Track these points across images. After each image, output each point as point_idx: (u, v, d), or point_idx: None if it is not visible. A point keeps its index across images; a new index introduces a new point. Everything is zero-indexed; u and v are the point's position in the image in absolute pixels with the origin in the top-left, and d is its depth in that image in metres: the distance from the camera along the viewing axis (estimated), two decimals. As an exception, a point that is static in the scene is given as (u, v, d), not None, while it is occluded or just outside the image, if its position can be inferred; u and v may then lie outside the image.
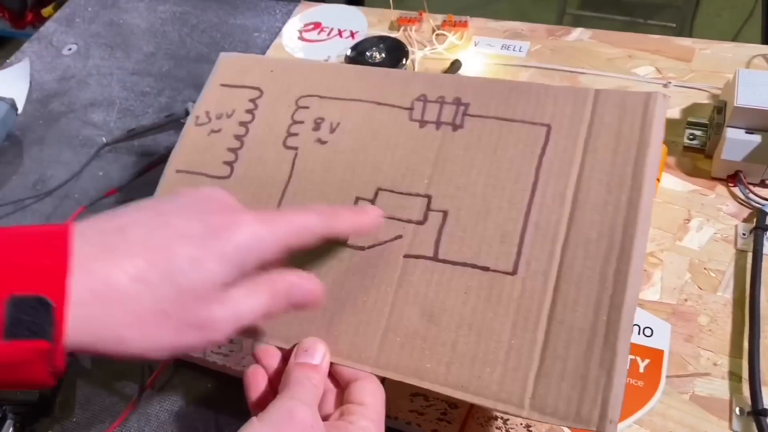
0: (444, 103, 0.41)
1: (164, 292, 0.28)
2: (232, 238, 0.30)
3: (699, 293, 0.45)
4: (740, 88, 0.48)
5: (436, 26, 0.68)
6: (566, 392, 0.32)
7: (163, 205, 0.31)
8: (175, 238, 0.29)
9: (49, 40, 0.83)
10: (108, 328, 0.27)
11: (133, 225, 0.29)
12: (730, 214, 0.49)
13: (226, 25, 0.80)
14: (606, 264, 0.33)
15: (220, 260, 0.29)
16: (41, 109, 0.74)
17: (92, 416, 0.48)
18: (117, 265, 0.27)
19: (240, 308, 0.30)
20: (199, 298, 0.29)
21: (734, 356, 0.42)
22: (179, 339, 0.28)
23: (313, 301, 0.33)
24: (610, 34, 0.65)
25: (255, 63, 0.48)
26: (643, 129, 0.36)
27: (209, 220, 0.30)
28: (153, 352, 0.28)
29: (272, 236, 0.31)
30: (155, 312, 0.27)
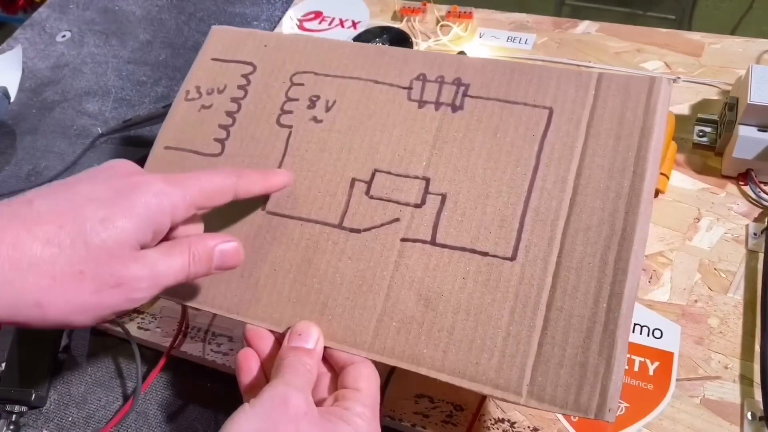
0: (443, 83, 0.40)
1: (78, 253, 0.28)
2: (140, 197, 0.30)
3: (709, 294, 0.45)
4: (753, 85, 0.47)
5: (440, 17, 0.67)
6: (565, 380, 0.31)
7: (67, 180, 0.32)
8: (83, 202, 0.29)
9: (42, 26, 0.81)
10: (24, 293, 0.27)
11: (40, 197, 0.29)
12: (741, 214, 0.48)
13: (225, 13, 0.78)
14: (607, 251, 0.33)
15: (130, 218, 0.30)
16: (34, 98, 0.72)
17: (88, 415, 0.47)
18: (26, 230, 0.27)
19: (158, 268, 0.31)
20: (114, 257, 0.29)
21: (745, 359, 0.41)
22: (99, 299, 0.29)
23: (234, 263, 0.34)
24: (618, 27, 0.64)
25: (248, 37, 0.46)
26: (646, 114, 0.35)
27: (115, 183, 0.31)
28: (74, 316, 0.29)
29: (181, 194, 0.32)
30: (71, 274, 0.28)
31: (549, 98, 0.38)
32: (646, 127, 0.35)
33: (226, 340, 0.48)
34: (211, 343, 0.48)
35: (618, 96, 0.36)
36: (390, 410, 0.42)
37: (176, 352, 0.48)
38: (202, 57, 0.47)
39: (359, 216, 0.38)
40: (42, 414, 0.48)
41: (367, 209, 0.38)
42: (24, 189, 0.62)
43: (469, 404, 0.42)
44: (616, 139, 0.35)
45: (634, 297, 0.32)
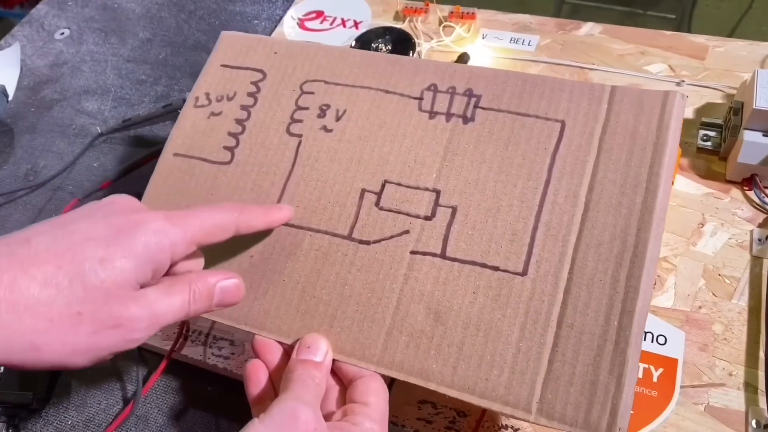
0: (455, 94, 0.40)
1: (76, 294, 0.28)
2: (139, 236, 0.30)
3: (713, 300, 0.44)
4: (759, 90, 0.47)
5: (443, 17, 0.66)
6: (575, 398, 0.31)
7: (65, 216, 0.31)
8: (81, 242, 0.29)
9: (40, 23, 0.81)
10: (20, 336, 0.27)
11: (38, 235, 0.29)
12: (746, 219, 0.48)
13: (225, 11, 0.77)
14: (618, 267, 0.33)
15: (129, 258, 0.29)
16: (33, 96, 0.72)
17: (88, 419, 0.47)
18: (24, 271, 0.27)
19: (157, 307, 0.30)
20: (112, 297, 0.29)
21: (750, 366, 0.41)
22: (97, 340, 0.28)
23: (234, 300, 0.34)
24: (622, 30, 0.63)
25: (258, 43, 0.46)
26: (660, 129, 0.35)
27: (114, 221, 0.30)
28: (72, 358, 0.28)
29: (181, 233, 0.31)
30: (69, 315, 0.27)
31: (561, 111, 0.37)
32: (659, 142, 0.35)
33: (227, 344, 0.47)
34: (212, 346, 0.47)
35: (631, 110, 0.36)
36: (393, 416, 0.42)
37: (177, 356, 0.48)
38: (211, 63, 0.46)
39: (369, 227, 0.38)
40: (41, 417, 0.47)
41: (377, 221, 0.38)
42: (23, 188, 0.62)
43: (473, 410, 0.42)
44: (629, 154, 0.35)
45: (645, 315, 0.32)
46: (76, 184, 0.62)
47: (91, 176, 0.62)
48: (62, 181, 0.62)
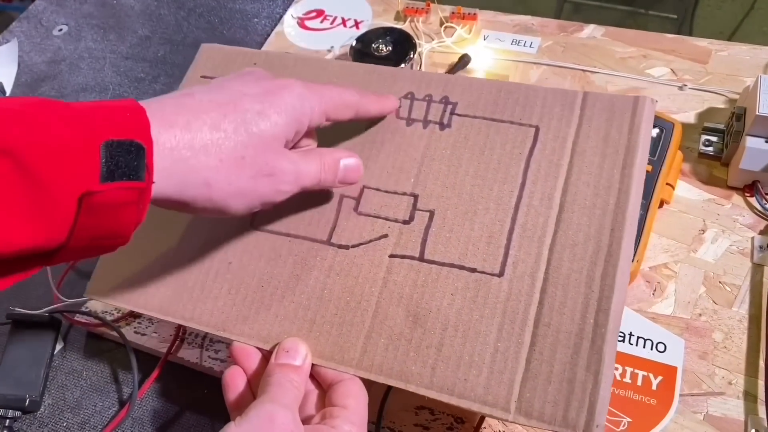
0: (431, 102, 0.41)
1: (241, 139, 0.30)
2: (286, 96, 0.33)
3: (714, 308, 0.44)
4: (762, 96, 0.46)
5: (444, 18, 0.66)
6: (553, 396, 0.31)
7: (216, 80, 0.34)
8: (240, 96, 0.32)
9: (38, 19, 0.80)
10: (195, 172, 0.29)
11: (198, 91, 0.32)
12: (747, 226, 0.48)
13: (225, 9, 0.77)
14: (593, 267, 0.33)
15: (281, 114, 0.32)
16: (30, 93, 0.71)
17: (83, 421, 0.46)
18: (195, 116, 0.29)
19: (300, 167, 0.33)
20: (268, 148, 0.31)
21: (750, 375, 0.41)
22: (255, 185, 0.31)
23: (355, 177, 0.36)
24: (624, 32, 0.63)
25: (237, 55, 0.46)
26: (631, 132, 0.36)
27: (263, 83, 0.33)
28: (233, 199, 0.31)
29: (318, 99, 0.34)
30: (235, 157, 0.30)
31: (535, 117, 0.38)
32: (630, 145, 0.35)
33: (224, 347, 0.47)
34: (209, 349, 0.47)
35: (603, 115, 0.37)
36: (390, 422, 0.42)
37: (173, 358, 0.47)
38: (191, 74, 0.46)
39: (348, 232, 0.38)
40: (36, 419, 0.47)
41: (356, 225, 0.38)
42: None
43: (470, 416, 0.42)
44: (601, 157, 0.36)
45: (620, 312, 0.32)
46: (74, 183, 0.61)
47: (89, 175, 0.62)
48: (59, 179, 0.62)
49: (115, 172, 0.26)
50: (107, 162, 0.25)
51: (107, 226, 0.27)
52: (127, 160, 0.26)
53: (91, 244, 0.27)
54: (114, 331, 0.49)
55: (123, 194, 0.26)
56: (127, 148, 0.26)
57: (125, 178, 0.26)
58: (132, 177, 0.26)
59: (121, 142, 0.26)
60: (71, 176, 0.25)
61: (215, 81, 0.33)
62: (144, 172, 0.26)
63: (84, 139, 0.25)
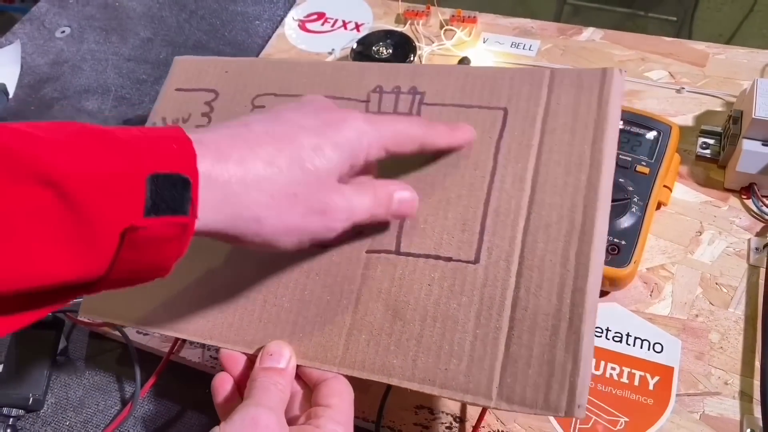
0: (400, 93, 0.40)
1: (294, 176, 0.30)
2: (344, 130, 0.32)
3: (710, 309, 0.45)
4: (759, 99, 0.47)
5: (444, 21, 0.66)
6: (533, 379, 0.31)
7: (275, 108, 0.33)
8: (296, 129, 0.31)
9: (41, 21, 0.81)
10: (246, 207, 0.28)
11: (255, 121, 0.31)
12: (743, 228, 0.48)
13: (226, 11, 0.77)
14: (567, 246, 0.33)
15: (336, 150, 0.31)
16: (33, 95, 0.72)
17: (86, 420, 0.47)
18: (249, 149, 0.29)
19: (353, 202, 0.32)
20: (322, 185, 0.31)
21: (746, 375, 0.42)
22: (305, 222, 0.31)
23: (409, 212, 0.35)
24: (622, 35, 0.63)
25: (210, 65, 0.47)
26: (600, 106, 0.35)
27: (322, 115, 0.33)
28: (283, 236, 0.30)
29: (377, 134, 0.33)
30: (287, 194, 0.29)
31: (503, 99, 0.38)
32: (600, 119, 0.35)
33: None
34: (210, 349, 0.48)
35: (571, 90, 0.36)
36: (390, 421, 0.42)
37: (175, 358, 0.48)
38: (166, 88, 0.47)
39: None
40: (39, 417, 0.47)
41: None
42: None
43: (469, 415, 0.42)
44: (571, 134, 0.35)
45: (596, 291, 0.32)
46: (76, 184, 0.62)
47: (91, 176, 0.62)
48: (62, 180, 0.62)
49: (159, 206, 0.25)
50: (152, 195, 0.25)
51: (148, 260, 0.26)
52: (172, 194, 0.25)
53: (131, 276, 0.27)
54: (116, 331, 0.49)
55: (166, 229, 0.26)
56: (172, 182, 0.25)
57: (169, 212, 0.25)
58: (176, 212, 0.26)
59: (167, 176, 0.25)
60: (115, 209, 0.24)
61: (274, 110, 0.33)
62: (189, 207, 0.26)
63: (129, 171, 0.25)
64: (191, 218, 0.26)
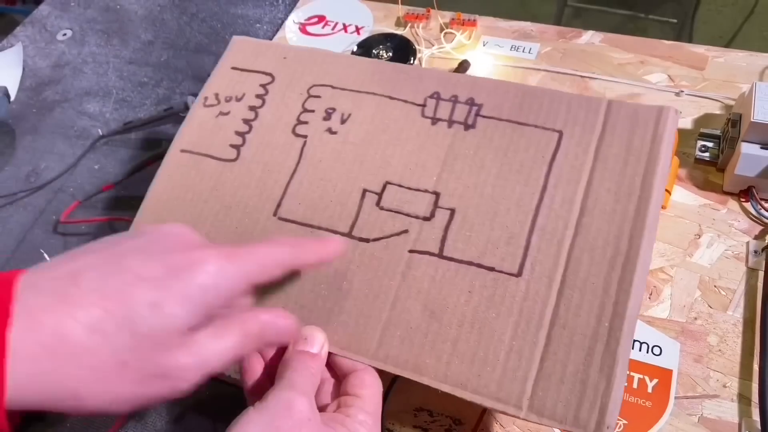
0: (457, 102, 0.41)
1: (122, 342, 0.26)
2: (195, 278, 0.28)
3: (709, 312, 0.45)
4: (757, 103, 0.47)
5: (444, 24, 0.67)
6: (565, 395, 0.32)
7: (120, 245, 0.29)
8: (133, 282, 0.27)
9: (42, 24, 0.81)
10: (61, 385, 0.25)
11: (87, 270, 0.27)
12: (742, 231, 0.48)
13: (227, 14, 0.78)
14: (611, 271, 0.33)
15: (183, 303, 0.27)
16: (34, 97, 0.72)
17: (87, 422, 0.47)
18: (70, 315, 0.25)
19: (207, 352, 0.28)
20: (161, 346, 0.27)
21: (744, 378, 0.42)
22: (142, 390, 0.27)
23: (286, 339, 0.33)
24: (622, 39, 0.63)
25: (268, 48, 0.47)
26: (654, 142, 0.36)
27: (170, 259, 0.28)
28: (114, 406, 0.27)
29: (238, 272, 0.30)
30: (114, 364, 0.26)
31: (560, 122, 0.38)
32: (653, 154, 0.36)
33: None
34: (211, 351, 0.48)
35: (627, 123, 0.37)
36: (390, 422, 0.43)
37: (176, 360, 0.48)
38: (222, 65, 0.47)
39: (369, 226, 0.39)
40: (41, 420, 0.48)
41: (377, 220, 0.39)
42: (23, 190, 0.62)
43: (468, 419, 0.42)
44: (623, 164, 0.36)
45: (635, 317, 0.33)
46: (77, 186, 0.62)
47: (92, 178, 0.63)
48: (63, 182, 0.63)
49: None
50: None
51: None
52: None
53: None
54: (117, 333, 0.49)
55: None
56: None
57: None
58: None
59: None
60: None
61: (114, 250, 0.29)
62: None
63: None
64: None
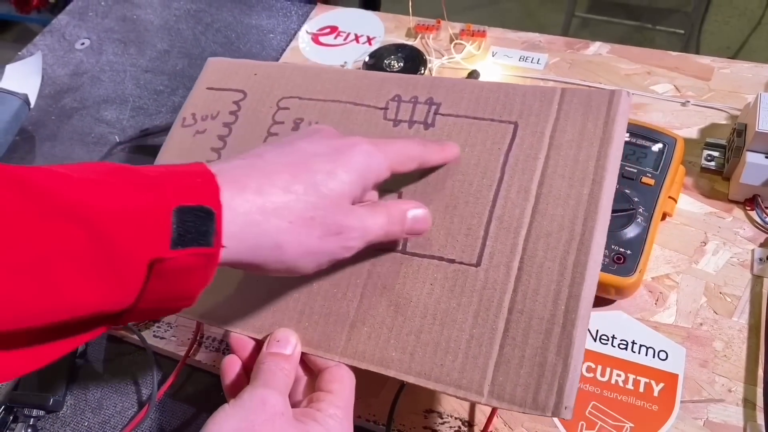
0: (417, 103, 0.42)
1: (310, 200, 0.31)
2: (354, 155, 0.33)
3: (714, 318, 0.46)
4: (762, 113, 0.48)
5: (453, 35, 0.68)
6: (524, 379, 0.33)
7: (286, 138, 0.35)
8: (309, 156, 0.33)
9: (61, 33, 0.83)
10: (266, 235, 0.29)
11: (268, 152, 0.33)
12: (747, 238, 0.49)
13: (241, 24, 0.79)
14: (566, 255, 0.34)
15: (350, 171, 0.33)
16: (53, 105, 0.74)
17: (104, 421, 0.48)
18: (266, 178, 0.30)
19: (366, 222, 0.34)
20: (337, 207, 0.32)
21: (749, 383, 0.42)
22: (323, 244, 0.32)
23: (425, 228, 0.37)
24: (629, 50, 0.65)
25: (240, 67, 0.49)
26: (606, 125, 0.37)
27: (331, 142, 0.34)
28: (303, 259, 0.31)
29: (384, 156, 0.35)
30: (305, 219, 0.31)
31: (515, 113, 0.39)
32: (605, 137, 0.37)
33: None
34: (225, 353, 0.49)
35: (580, 109, 0.38)
36: (400, 425, 0.43)
37: (191, 361, 0.49)
38: (198, 86, 0.49)
39: None
40: (59, 418, 0.49)
41: None
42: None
43: (478, 420, 0.43)
44: (577, 149, 0.37)
45: (591, 298, 0.34)
46: (95, 192, 0.64)
47: (110, 184, 0.64)
48: (81, 188, 0.64)
49: (185, 238, 0.26)
50: (178, 228, 0.26)
51: (175, 289, 0.27)
52: (197, 226, 0.27)
53: (158, 307, 0.28)
54: (134, 335, 0.51)
55: (192, 260, 0.27)
56: (197, 214, 0.27)
57: (195, 244, 0.26)
58: (201, 243, 0.27)
59: (192, 208, 0.27)
60: (143, 242, 0.25)
61: (285, 140, 0.34)
62: (213, 238, 0.27)
63: (156, 206, 0.26)
64: (216, 248, 0.27)
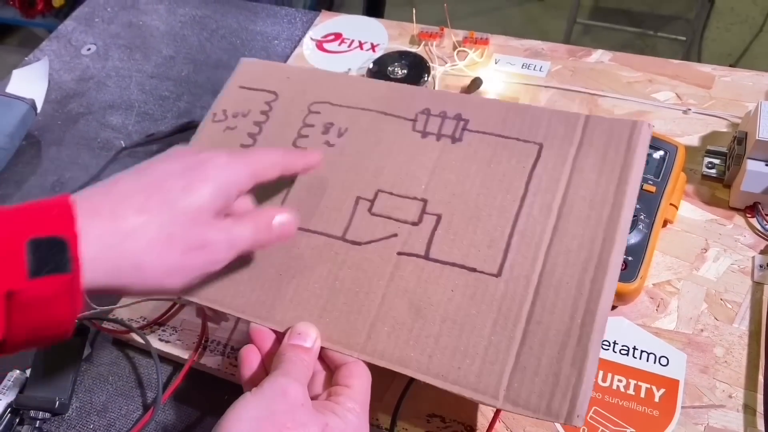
0: (446, 118, 0.44)
1: (166, 217, 0.32)
2: (209, 168, 0.34)
3: (715, 324, 0.46)
4: (762, 121, 0.49)
5: (457, 42, 0.69)
6: (539, 387, 0.34)
7: (142, 164, 0.35)
8: (163, 176, 0.33)
9: (68, 39, 0.84)
10: (125, 257, 0.30)
11: (122, 178, 0.34)
12: (748, 245, 0.50)
13: (246, 31, 0.80)
14: (584, 272, 0.36)
15: (207, 184, 0.34)
16: (60, 110, 0.74)
17: (109, 423, 0.49)
18: (120, 202, 0.31)
19: (233, 233, 0.34)
20: (196, 222, 0.33)
21: (749, 389, 0.43)
22: (187, 260, 0.33)
23: (291, 231, 0.38)
24: (631, 58, 0.65)
25: (274, 69, 0.51)
26: (627, 153, 0.39)
27: (186, 159, 0.35)
28: (168, 278, 0.32)
29: (244, 166, 0.36)
30: (163, 236, 0.31)
31: (540, 135, 0.41)
32: (626, 164, 0.38)
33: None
34: (230, 356, 0.49)
35: (602, 136, 0.40)
36: (403, 429, 0.44)
37: (196, 365, 0.50)
38: (230, 84, 0.50)
39: (361, 230, 0.41)
40: (64, 421, 0.49)
41: (369, 224, 0.41)
42: (49, 199, 0.64)
43: (480, 425, 0.43)
44: (598, 174, 0.38)
45: (606, 315, 0.35)
46: (101, 196, 0.64)
47: (115, 189, 0.65)
48: (87, 192, 0.65)
49: (42, 268, 0.27)
50: (34, 259, 0.27)
51: (42, 318, 0.29)
52: (53, 255, 0.28)
53: (31, 337, 0.29)
54: (140, 338, 0.51)
55: (52, 288, 0.28)
56: (50, 243, 0.28)
57: (52, 272, 0.28)
58: (58, 270, 0.28)
59: (45, 239, 0.28)
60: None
61: (142, 165, 0.35)
62: (70, 264, 0.28)
63: (8, 240, 0.27)
64: (74, 274, 0.28)
